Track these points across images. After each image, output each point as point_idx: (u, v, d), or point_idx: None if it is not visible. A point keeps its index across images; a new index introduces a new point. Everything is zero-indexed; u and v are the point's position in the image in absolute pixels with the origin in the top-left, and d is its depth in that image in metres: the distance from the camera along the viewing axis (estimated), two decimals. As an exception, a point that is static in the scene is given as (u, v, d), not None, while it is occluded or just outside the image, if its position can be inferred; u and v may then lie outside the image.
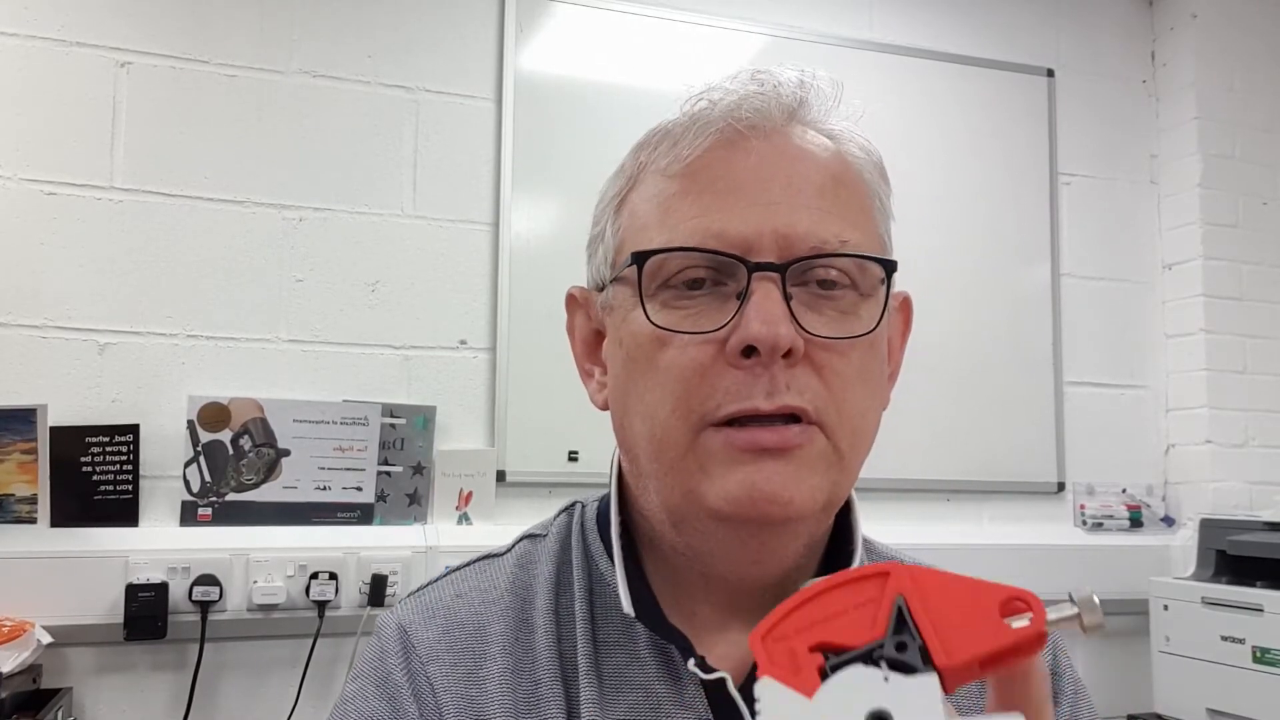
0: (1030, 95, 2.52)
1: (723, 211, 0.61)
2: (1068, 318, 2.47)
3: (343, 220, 2.00)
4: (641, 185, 0.67)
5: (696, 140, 0.63)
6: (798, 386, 0.60)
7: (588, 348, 0.73)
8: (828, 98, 0.67)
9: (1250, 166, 2.54)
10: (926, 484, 2.30)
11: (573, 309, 0.74)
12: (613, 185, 0.70)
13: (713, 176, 0.63)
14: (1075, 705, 0.73)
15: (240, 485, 1.86)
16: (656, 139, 0.67)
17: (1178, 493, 2.49)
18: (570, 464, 2.04)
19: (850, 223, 0.63)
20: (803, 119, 0.66)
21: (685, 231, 0.62)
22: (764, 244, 0.60)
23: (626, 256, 0.65)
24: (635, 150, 0.69)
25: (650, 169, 0.66)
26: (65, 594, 1.69)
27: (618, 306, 0.67)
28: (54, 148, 1.85)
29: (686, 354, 0.61)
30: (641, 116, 0.70)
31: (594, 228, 0.72)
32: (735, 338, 0.59)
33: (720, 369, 0.60)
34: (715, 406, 0.60)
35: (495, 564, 0.74)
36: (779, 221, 0.61)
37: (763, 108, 0.64)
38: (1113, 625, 2.30)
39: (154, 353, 1.87)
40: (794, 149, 0.64)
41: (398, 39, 2.07)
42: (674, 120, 0.67)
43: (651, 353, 0.62)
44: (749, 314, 0.59)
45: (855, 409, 0.62)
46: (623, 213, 0.68)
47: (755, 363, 0.59)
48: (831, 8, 2.39)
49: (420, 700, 0.66)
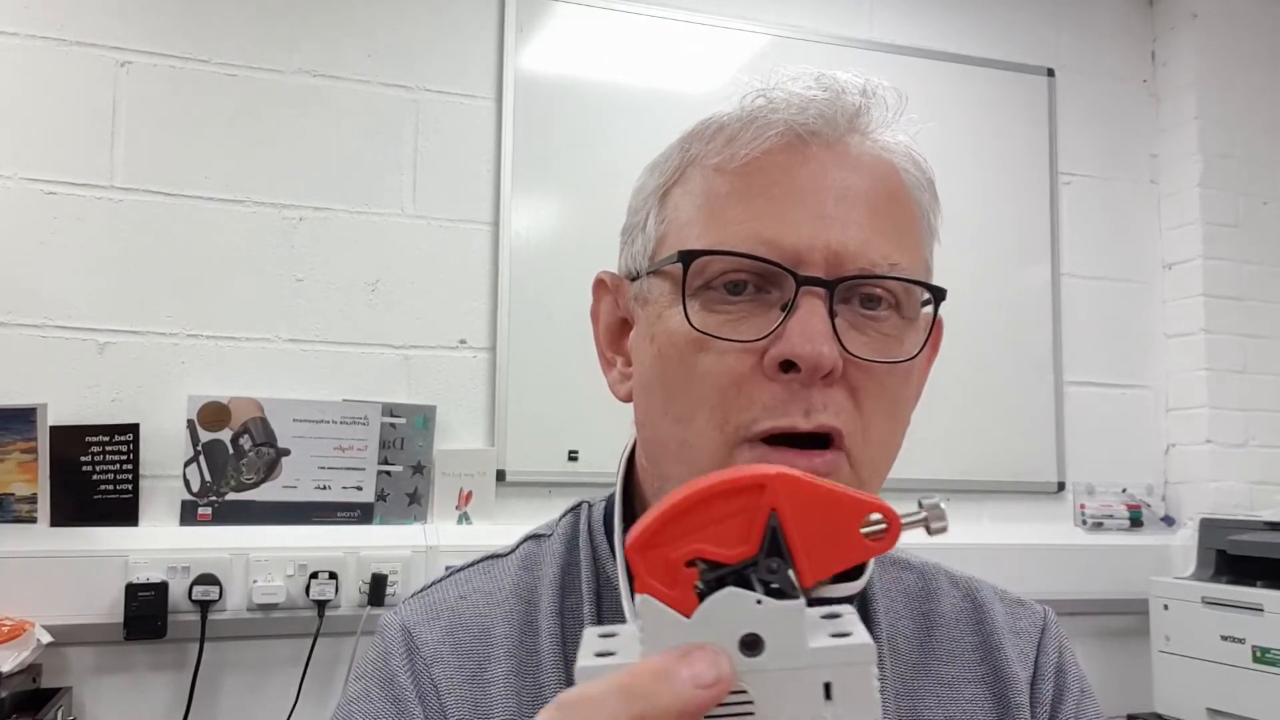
0: (1030, 95, 2.52)
1: (776, 219, 0.60)
2: (1068, 318, 2.47)
3: (343, 220, 2.00)
4: (690, 179, 0.65)
5: (755, 140, 0.61)
6: (834, 407, 0.59)
7: (611, 336, 0.72)
8: (889, 108, 0.65)
9: (1250, 166, 2.53)
10: (926, 484, 2.29)
11: (600, 294, 0.72)
12: (656, 174, 0.68)
13: (768, 180, 0.61)
14: (1080, 704, 0.73)
15: (240, 485, 1.86)
16: (710, 132, 0.64)
17: (1178, 492, 2.49)
18: (570, 463, 2.04)
19: (899, 244, 0.62)
20: (862, 129, 0.64)
21: (736, 234, 0.60)
22: (814, 258, 0.59)
23: (670, 251, 0.63)
24: (684, 141, 0.67)
25: (701, 163, 0.64)
26: (65, 594, 1.69)
27: (653, 300, 0.65)
28: (54, 147, 1.85)
29: (724, 361, 0.60)
30: (641, 116, 0.70)
31: (632, 215, 0.69)
32: (776, 350, 0.58)
33: (757, 381, 0.59)
34: (752, 420, 0.59)
35: (499, 564, 0.74)
36: (831, 236, 0.59)
37: (826, 114, 0.62)
38: (1113, 625, 2.32)
39: (154, 352, 1.87)
40: (851, 160, 0.62)
41: (398, 39, 2.07)
42: (729, 115, 0.64)
43: (687, 354, 0.61)
44: (793, 328, 0.58)
45: (880, 436, 0.62)
46: (667, 204, 0.66)
47: (793, 378, 0.58)
48: (831, 8, 2.39)
49: (425, 702, 0.66)
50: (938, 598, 0.75)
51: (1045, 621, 0.76)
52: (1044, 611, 0.77)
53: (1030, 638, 0.74)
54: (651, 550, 0.38)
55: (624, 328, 0.70)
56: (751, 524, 0.38)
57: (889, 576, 0.75)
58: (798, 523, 0.37)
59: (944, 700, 0.69)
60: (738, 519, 0.38)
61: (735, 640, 0.37)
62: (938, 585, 0.76)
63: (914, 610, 0.74)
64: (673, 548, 0.38)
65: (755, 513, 0.38)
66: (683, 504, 0.39)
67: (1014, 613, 0.76)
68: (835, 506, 0.37)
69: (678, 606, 0.38)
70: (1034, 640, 0.74)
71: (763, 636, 0.37)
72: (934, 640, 0.72)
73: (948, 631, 0.73)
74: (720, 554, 0.38)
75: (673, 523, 0.38)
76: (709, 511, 0.38)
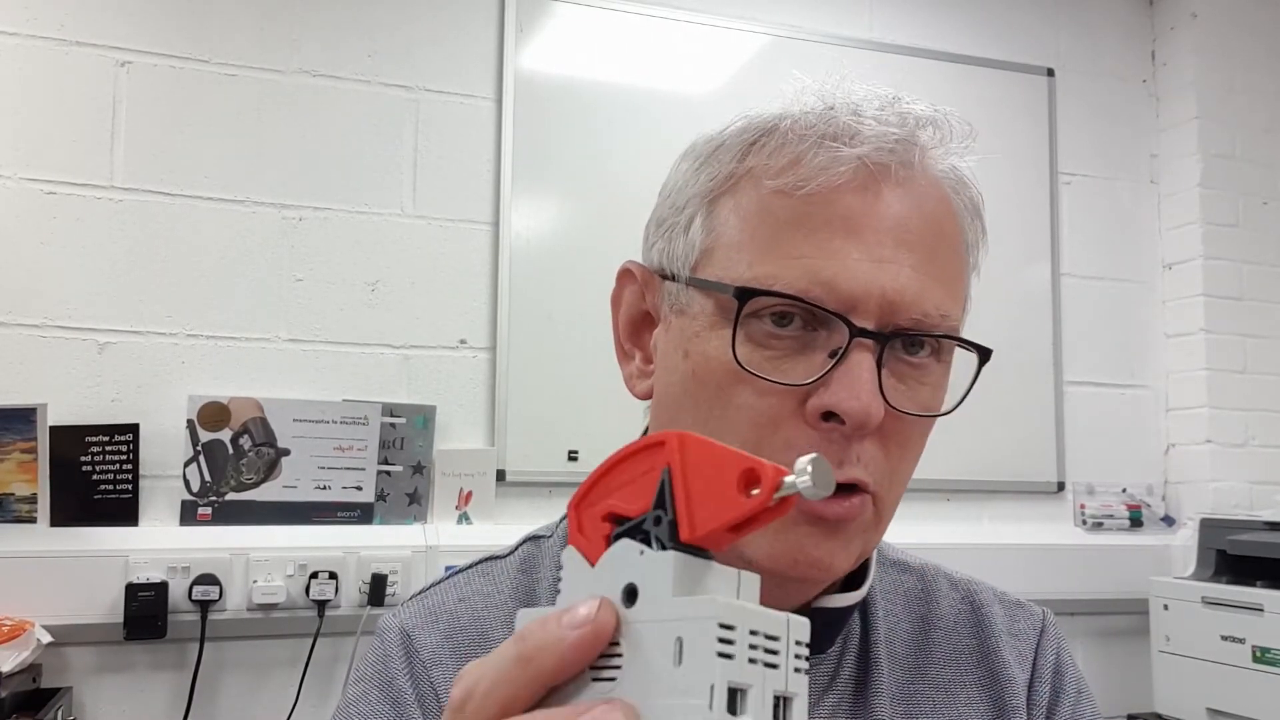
0: (1030, 95, 2.52)
1: (836, 259, 0.58)
2: (1068, 318, 2.47)
3: (343, 220, 2.00)
4: (743, 192, 0.61)
5: (824, 169, 0.58)
6: (865, 459, 0.59)
7: (633, 327, 0.69)
8: (955, 135, 0.64)
9: (1250, 166, 2.53)
10: (927, 484, 2.29)
11: (624, 282, 0.69)
12: (703, 172, 0.64)
13: (830, 215, 0.58)
14: (1078, 705, 0.73)
15: (240, 485, 1.86)
16: (773, 147, 0.61)
17: (1178, 492, 2.49)
18: (570, 463, 2.04)
19: (949, 290, 0.62)
20: (927, 163, 0.63)
21: (792, 269, 0.58)
22: (869, 305, 0.58)
23: (717, 268, 0.61)
24: (740, 147, 0.62)
25: (759, 179, 0.60)
26: (65, 593, 1.69)
27: (691, 315, 0.62)
28: (54, 147, 1.85)
29: (765, 400, 0.58)
30: (641, 116, 0.69)
31: (670, 208, 0.66)
32: (821, 400, 0.57)
33: (796, 425, 0.58)
34: (785, 463, 0.59)
35: (498, 566, 0.74)
36: (887, 283, 0.58)
37: (897, 151, 0.60)
38: (1113, 625, 2.32)
39: (154, 352, 1.87)
40: (913, 199, 0.61)
41: (398, 39, 2.06)
42: (793, 128, 0.60)
43: (725, 384, 0.59)
44: (841, 380, 0.57)
45: (903, 479, 0.63)
46: (716, 215, 0.62)
47: (834, 428, 0.57)
48: (831, 7, 2.39)
49: (424, 705, 0.66)
50: (936, 600, 0.75)
51: (1043, 623, 0.76)
52: (1042, 613, 0.77)
53: (1028, 639, 0.74)
54: (583, 508, 0.41)
55: (646, 321, 0.68)
56: (654, 481, 0.39)
57: (888, 579, 0.75)
58: (686, 478, 0.38)
59: (941, 703, 0.69)
60: (647, 477, 0.39)
61: (621, 590, 0.38)
62: (937, 588, 0.76)
63: (912, 613, 0.74)
64: (597, 504, 0.40)
65: (657, 471, 0.39)
66: (607, 463, 0.41)
67: (1012, 615, 0.76)
68: (719, 461, 0.38)
69: (590, 557, 0.40)
70: (1032, 642, 0.74)
71: (638, 586, 0.37)
72: (931, 643, 0.72)
73: (946, 634, 0.73)
74: (628, 509, 0.39)
75: (600, 482, 0.41)
76: (626, 471, 0.40)
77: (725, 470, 0.37)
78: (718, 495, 0.37)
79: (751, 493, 0.36)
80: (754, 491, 0.36)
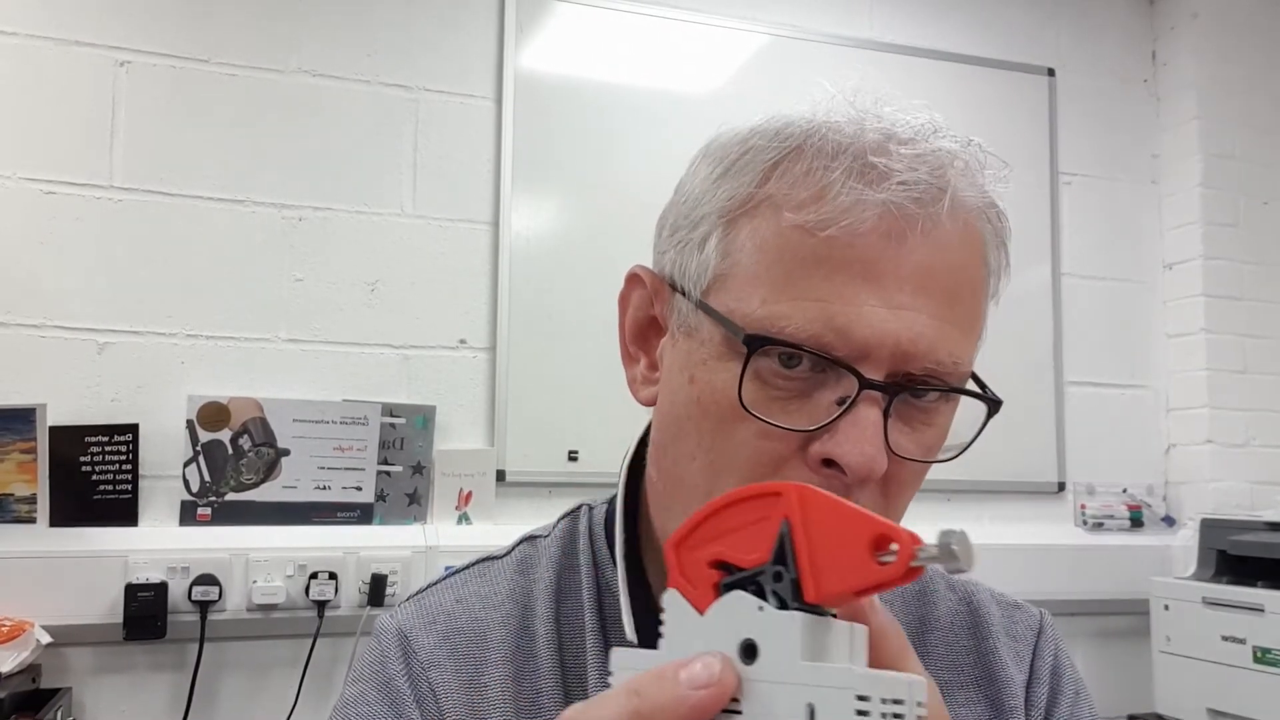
0: (1030, 95, 2.51)
1: (852, 305, 0.56)
2: (1068, 318, 2.47)
3: (343, 220, 2.00)
4: (762, 218, 0.59)
5: (847, 212, 0.56)
6: (865, 502, 0.57)
7: (639, 331, 0.68)
8: (984, 165, 0.62)
9: (1250, 166, 2.53)
10: (927, 484, 2.27)
11: (633, 285, 0.68)
12: (723, 191, 0.61)
13: (851, 258, 0.56)
14: (1075, 705, 0.73)
15: (240, 485, 1.86)
16: (797, 173, 0.58)
17: (1178, 492, 2.49)
18: (570, 464, 2.03)
19: (966, 333, 0.61)
20: (956, 200, 0.60)
21: (806, 311, 0.56)
22: (882, 355, 0.56)
23: (730, 297, 0.59)
24: (762, 168, 0.60)
25: (780, 208, 0.58)
26: (64, 594, 1.69)
27: (700, 340, 0.61)
28: (53, 147, 1.85)
29: (767, 442, 0.57)
30: (641, 116, 0.69)
31: (688, 225, 0.63)
32: (824, 447, 0.56)
33: (797, 468, 0.57)
34: None
35: (495, 567, 0.73)
36: (902, 332, 0.56)
37: (926, 200, 0.57)
38: (1113, 625, 2.32)
39: (153, 352, 1.87)
40: (937, 244, 0.58)
41: (398, 39, 2.06)
42: (819, 154, 0.58)
43: (728, 418, 0.58)
44: (847, 433, 0.55)
45: (900, 514, 0.62)
46: (733, 239, 0.60)
47: (834, 475, 0.56)
48: (831, 7, 2.39)
49: (422, 705, 0.66)
50: (934, 602, 0.74)
51: (1041, 624, 0.76)
52: (1040, 614, 0.77)
53: (1026, 641, 0.74)
54: (684, 549, 0.40)
55: (653, 326, 0.67)
56: (769, 532, 0.38)
57: None
58: (808, 535, 0.37)
59: None
60: (759, 527, 0.38)
61: (738, 645, 0.37)
62: (934, 589, 0.75)
63: (910, 614, 0.73)
64: (702, 548, 0.40)
65: (772, 521, 0.38)
66: (714, 506, 0.40)
67: (1010, 616, 0.76)
68: (847, 523, 0.37)
69: (697, 604, 0.39)
70: (1030, 643, 0.74)
71: (759, 644, 0.37)
72: (929, 645, 0.72)
73: (943, 636, 0.73)
74: (740, 558, 0.39)
75: (705, 524, 0.40)
76: (735, 517, 0.39)
77: (855, 532, 0.37)
78: (846, 558, 0.36)
79: (882, 559, 0.36)
80: (885, 558, 0.36)
